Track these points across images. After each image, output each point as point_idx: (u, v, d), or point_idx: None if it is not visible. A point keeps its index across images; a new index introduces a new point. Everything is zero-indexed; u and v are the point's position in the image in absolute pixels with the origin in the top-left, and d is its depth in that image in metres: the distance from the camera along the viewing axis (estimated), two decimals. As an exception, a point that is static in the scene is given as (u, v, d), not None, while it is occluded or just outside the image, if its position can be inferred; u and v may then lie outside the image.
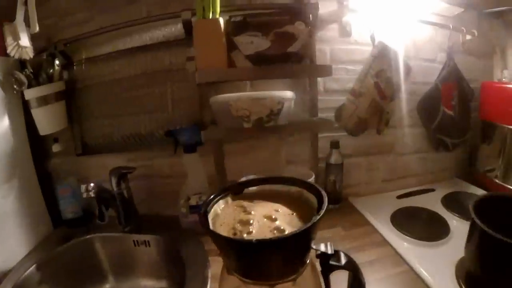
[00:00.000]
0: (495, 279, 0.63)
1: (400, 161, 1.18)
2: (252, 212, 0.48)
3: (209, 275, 0.76)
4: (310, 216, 0.42)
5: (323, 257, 0.46)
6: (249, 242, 0.39)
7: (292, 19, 0.84)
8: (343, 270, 0.47)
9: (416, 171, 1.21)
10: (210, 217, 0.48)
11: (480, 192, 1.13)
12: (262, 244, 0.39)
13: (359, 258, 0.49)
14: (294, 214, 0.48)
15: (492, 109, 1.17)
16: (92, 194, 0.86)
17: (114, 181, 0.92)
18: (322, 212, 0.43)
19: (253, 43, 0.80)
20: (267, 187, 0.55)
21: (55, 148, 1.02)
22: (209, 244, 0.85)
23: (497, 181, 1.15)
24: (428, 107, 1.13)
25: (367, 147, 1.13)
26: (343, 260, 0.46)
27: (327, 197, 0.47)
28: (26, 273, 0.82)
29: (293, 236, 0.40)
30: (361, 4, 1.01)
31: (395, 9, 1.03)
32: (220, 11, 0.84)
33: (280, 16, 0.87)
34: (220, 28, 0.83)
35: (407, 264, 0.78)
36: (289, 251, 0.42)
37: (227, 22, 0.87)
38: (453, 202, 1.07)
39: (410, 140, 1.17)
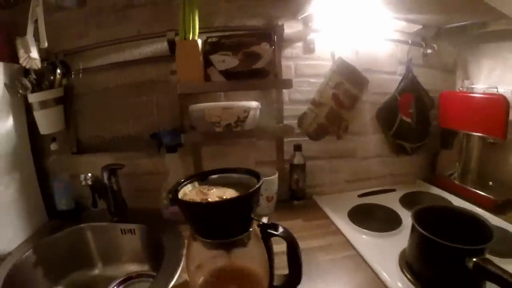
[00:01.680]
0: (425, 266, 0.83)
1: (362, 164, 1.42)
2: (209, 194, 0.71)
3: (184, 253, 0.95)
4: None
5: (263, 227, 0.70)
6: (201, 203, 0.65)
7: (259, 40, 1.10)
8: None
9: (378, 173, 1.45)
10: (180, 194, 0.71)
11: (439, 192, 1.34)
12: (210, 205, 0.65)
13: (312, 244, 0.71)
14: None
15: (451, 116, 1.37)
16: (89, 182, 1.09)
17: (105, 175, 1.15)
18: (256, 187, 0.66)
19: (224, 61, 1.07)
20: (225, 176, 0.79)
21: (53, 146, 1.21)
22: (186, 231, 1.01)
23: (456, 182, 1.37)
24: (387, 115, 1.37)
25: (330, 150, 1.37)
26: (280, 230, 0.69)
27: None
28: (23, 256, 1.00)
29: (233, 200, 0.65)
30: (324, 24, 1.25)
31: (357, 28, 1.26)
32: (199, 32, 1.08)
33: (249, 37, 1.12)
34: (198, 47, 1.08)
35: (355, 250, 0.97)
36: (232, 213, 0.65)
37: (204, 42, 1.12)
38: (410, 200, 1.26)
39: (371, 145, 1.41)
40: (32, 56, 1.03)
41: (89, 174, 1.10)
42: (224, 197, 0.70)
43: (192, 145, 1.25)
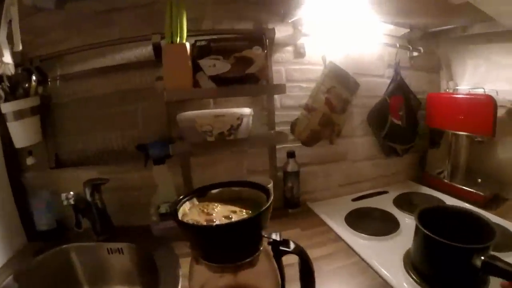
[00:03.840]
0: (431, 267, 0.80)
1: (354, 167, 1.37)
2: (214, 214, 0.63)
3: (181, 273, 0.88)
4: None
5: (274, 244, 0.62)
6: (211, 226, 0.55)
7: (250, 44, 1.01)
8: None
9: (369, 176, 1.40)
10: (179, 214, 0.62)
11: (430, 192, 1.33)
12: (220, 227, 0.55)
13: (315, 253, 0.65)
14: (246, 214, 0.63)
15: (438, 117, 1.36)
16: (72, 201, 0.97)
17: (88, 192, 1.03)
18: (267, 204, 0.58)
19: (215, 66, 0.97)
20: (225, 190, 0.70)
21: (29, 161, 1.09)
22: (179, 248, 0.98)
23: (445, 181, 1.35)
24: (377, 118, 1.33)
25: (322, 156, 1.31)
26: (292, 246, 0.62)
27: (280, 204, 0.62)
28: (2, 284, 0.89)
29: (244, 221, 0.56)
30: (314, 28, 1.19)
31: (345, 32, 1.21)
32: (187, 35, 0.99)
33: (241, 40, 1.03)
34: (187, 51, 0.98)
35: (359, 256, 0.93)
36: (242, 235, 0.57)
37: (192, 46, 1.02)
38: (404, 201, 1.24)
39: (362, 148, 1.37)
40: (4, 60, 0.91)
41: (71, 193, 0.98)
42: (231, 216, 0.62)
43: (181, 155, 1.14)
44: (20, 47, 0.92)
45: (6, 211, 1.06)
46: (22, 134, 1.05)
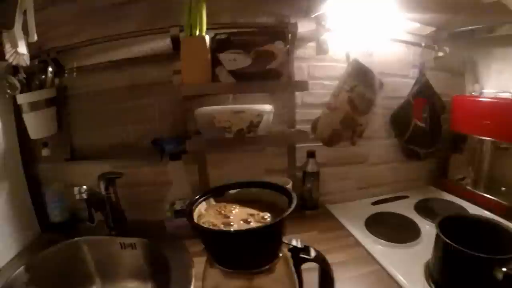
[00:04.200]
0: (452, 278, 0.77)
1: (374, 170, 1.32)
2: (231, 217, 0.59)
3: (193, 273, 0.85)
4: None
5: (294, 251, 0.58)
6: (229, 232, 0.51)
7: (272, 38, 0.97)
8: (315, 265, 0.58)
9: (390, 179, 1.34)
10: (195, 215, 0.59)
11: (452, 198, 1.27)
12: (238, 234, 0.51)
13: (333, 259, 0.61)
14: (268, 219, 0.58)
15: (463, 121, 1.31)
16: (84, 196, 0.95)
17: (102, 185, 1.01)
18: (290, 210, 0.54)
19: (235, 60, 0.93)
20: (244, 190, 0.66)
21: (45, 152, 1.08)
22: (193, 246, 0.95)
23: (468, 188, 1.29)
24: (400, 120, 1.27)
25: (342, 157, 1.26)
26: (312, 254, 0.58)
27: (297, 204, 0.58)
28: (14, 274, 0.88)
29: (264, 228, 0.52)
30: (338, 24, 1.14)
31: (370, 29, 1.15)
32: (206, 29, 0.95)
33: (262, 35, 0.99)
34: (206, 45, 0.94)
35: (379, 264, 0.88)
36: (261, 242, 0.53)
37: (212, 39, 0.98)
38: (425, 208, 1.19)
39: (383, 151, 1.31)
40: (19, 51, 0.88)
41: (84, 187, 0.96)
42: (249, 220, 0.57)
43: (197, 151, 1.11)
44: (35, 38, 0.90)
45: (21, 202, 1.05)
46: (37, 125, 1.04)
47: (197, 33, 0.93)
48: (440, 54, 1.31)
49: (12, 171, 1.03)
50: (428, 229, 1.04)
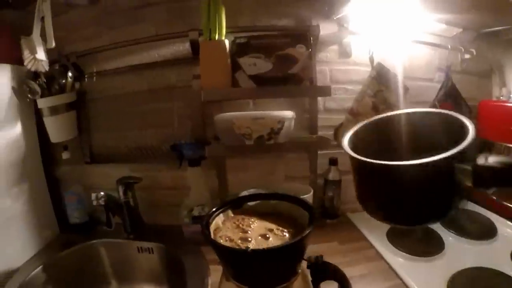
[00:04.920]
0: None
1: (397, 178, 1.25)
2: (249, 232, 0.56)
3: (209, 282, 0.83)
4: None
5: (313, 268, 0.55)
6: (245, 251, 0.48)
7: (293, 42, 0.93)
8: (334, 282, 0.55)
9: None
10: (212, 228, 0.56)
11: (477, 209, 1.19)
12: (256, 253, 0.48)
13: (353, 272, 0.58)
14: (286, 235, 0.56)
15: (489, 127, 1.22)
16: (102, 202, 0.94)
17: (121, 189, 1.01)
18: (309, 230, 0.51)
19: (256, 64, 0.90)
20: (263, 202, 0.64)
21: (65, 155, 1.09)
22: (210, 253, 0.91)
23: (493, 197, 1.21)
24: None
25: None
26: (332, 271, 0.55)
27: (317, 213, 0.55)
28: (32, 274, 0.89)
29: (283, 248, 0.49)
30: (361, 27, 1.09)
31: (394, 31, 1.10)
32: (226, 32, 0.92)
33: (282, 38, 0.95)
34: (226, 49, 0.91)
35: (399, 278, 0.83)
36: (279, 261, 0.51)
37: (232, 43, 0.95)
38: (449, 219, 1.12)
39: (406, 158, 1.24)
40: (38, 57, 0.90)
41: (102, 193, 0.96)
42: (268, 236, 0.55)
43: (216, 158, 1.08)
44: (53, 44, 0.91)
45: (40, 203, 1.06)
46: (57, 129, 1.05)
47: (217, 37, 0.90)
48: (467, 56, 1.23)
49: (33, 173, 1.04)
50: (452, 241, 0.99)
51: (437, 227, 1.07)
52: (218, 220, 0.60)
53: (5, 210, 0.91)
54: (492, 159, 0.44)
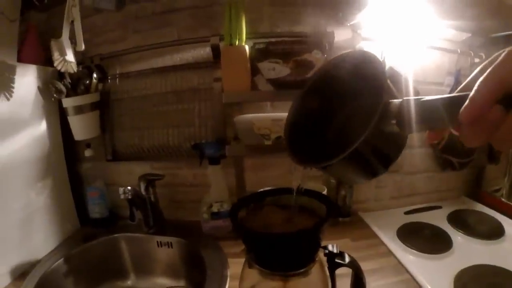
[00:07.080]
0: None
1: (408, 179, 1.31)
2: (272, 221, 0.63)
3: (228, 274, 0.89)
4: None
5: (330, 256, 0.61)
6: (270, 234, 0.55)
7: (310, 48, 1.00)
8: (348, 271, 0.61)
9: (423, 189, 1.33)
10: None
11: (487, 211, 1.24)
12: (281, 236, 0.55)
13: (365, 267, 0.63)
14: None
15: None
16: (129, 196, 1.00)
17: (143, 186, 1.07)
18: (330, 214, 0.58)
19: (274, 69, 0.97)
20: (284, 196, 0.70)
21: (87, 153, 1.15)
22: (228, 247, 1.00)
23: (503, 199, 1.26)
24: None
25: None
26: (347, 260, 0.61)
27: (336, 207, 0.61)
28: (54, 265, 0.95)
29: (305, 231, 0.56)
30: (373, 33, 1.16)
31: (405, 37, 1.16)
32: (246, 38, 0.99)
33: (299, 44, 1.01)
34: (246, 54, 0.98)
35: (409, 273, 0.89)
36: (301, 245, 0.56)
37: (251, 49, 1.02)
38: (458, 219, 1.18)
39: (417, 160, 1.30)
40: (67, 59, 0.96)
41: (129, 188, 1.01)
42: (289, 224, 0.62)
43: (235, 156, 1.15)
44: (83, 47, 0.96)
45: (63, 198, 1.13)
46: (81, 127, 1.11)
47: (237, 42, 0.97)
48: (476, 60, 1.29)
49: (56, 169, 1.10)
50: (460, 240, 1.05)
51: (446, 227, 1.12)
52: (242, 212, 0.66)
53: (29, 204, 0.97)
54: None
